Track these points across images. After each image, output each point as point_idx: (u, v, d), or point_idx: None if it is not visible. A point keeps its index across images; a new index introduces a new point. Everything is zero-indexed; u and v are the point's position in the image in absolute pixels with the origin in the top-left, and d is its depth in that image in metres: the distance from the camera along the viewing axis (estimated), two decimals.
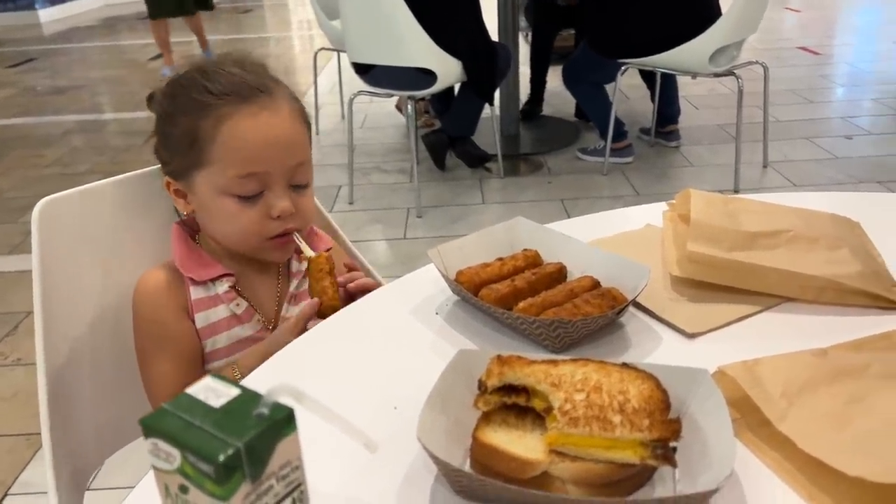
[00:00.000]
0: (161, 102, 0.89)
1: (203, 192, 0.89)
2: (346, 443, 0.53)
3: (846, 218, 0.89)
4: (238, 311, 0.93)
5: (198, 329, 0.91)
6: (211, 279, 0.92)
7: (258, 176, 0.87)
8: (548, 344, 0.72)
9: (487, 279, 0.80)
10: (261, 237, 0.90)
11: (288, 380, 0.42)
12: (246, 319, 0.94)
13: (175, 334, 0.91)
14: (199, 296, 0.92)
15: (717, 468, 0.52)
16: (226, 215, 0.89)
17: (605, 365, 0.59)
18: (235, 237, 0.91)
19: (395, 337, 0.78)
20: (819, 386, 0.61)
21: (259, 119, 0.86)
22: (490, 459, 0.55)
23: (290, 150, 0.89)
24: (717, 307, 0.77)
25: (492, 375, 0.58)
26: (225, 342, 0.93)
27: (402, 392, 0.66)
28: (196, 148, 0.86)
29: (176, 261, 0.92)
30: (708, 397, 0.58)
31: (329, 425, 0.43)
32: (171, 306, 0.91)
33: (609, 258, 0.81)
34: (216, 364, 0.93)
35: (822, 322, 0.74)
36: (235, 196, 0.87)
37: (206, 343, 0.92)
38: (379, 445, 0.45)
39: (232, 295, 0.93)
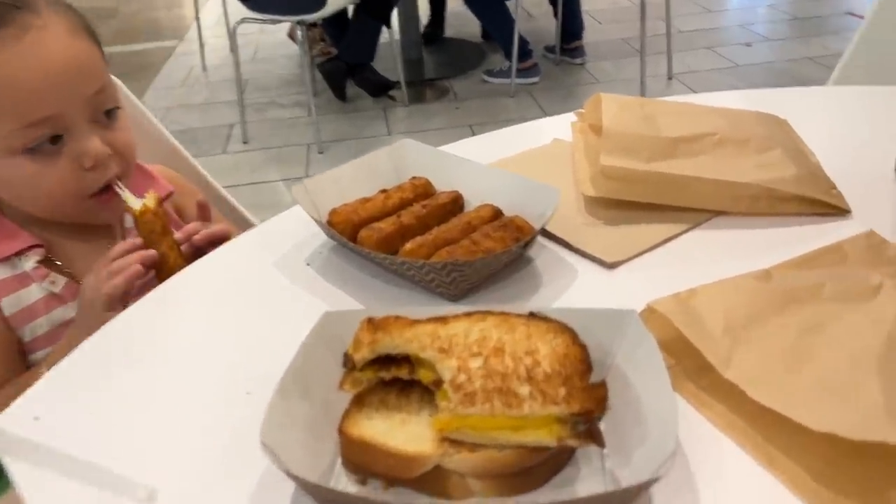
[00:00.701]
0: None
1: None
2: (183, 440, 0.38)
3: (772, 115, 0.78)
4: (56, 290, 0.74)
5: (7, 316, 0.72)
6: (15, 254, 0.73)
7: (48, 121, 0.67)
8: (443, 291, 0.59)
9: (368, 217, 0.66)
10: (78, 198, 0.71)
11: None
12: (69, 298, 0.74)
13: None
14: (3, 276, 0.73)
15: (654, 443, 0.40)
16: (23, 180, 0.69)
17: (508, 317, 0.46)
18: (45, 204, 0.72)
19: (253, 299, 0.62)
20: (768, 316, 0.50)
21: (24, 45, 0.65)
22: (363, 457, 0.42)
23: (79, 77, 0.68)
24: (638, 229, 0.65)
25: (361, 346, 0.44)
26: (46, 327, 0.74)
27: (258, 371, 0.51)
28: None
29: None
30: (638, 344, 0.46)
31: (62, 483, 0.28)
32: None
33: (512, 181, 0.67)
34: (42, 353, 0.74)
35: (760, 237, 0.64)
36: (27, 153, 0.67)
37: (24, 331, 0.73)
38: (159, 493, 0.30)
39: (43, 271, 0.74)
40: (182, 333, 0.59)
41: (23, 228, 0.74)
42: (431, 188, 0.71)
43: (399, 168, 0.74)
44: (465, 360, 0.43)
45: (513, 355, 0.43)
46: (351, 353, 0.44)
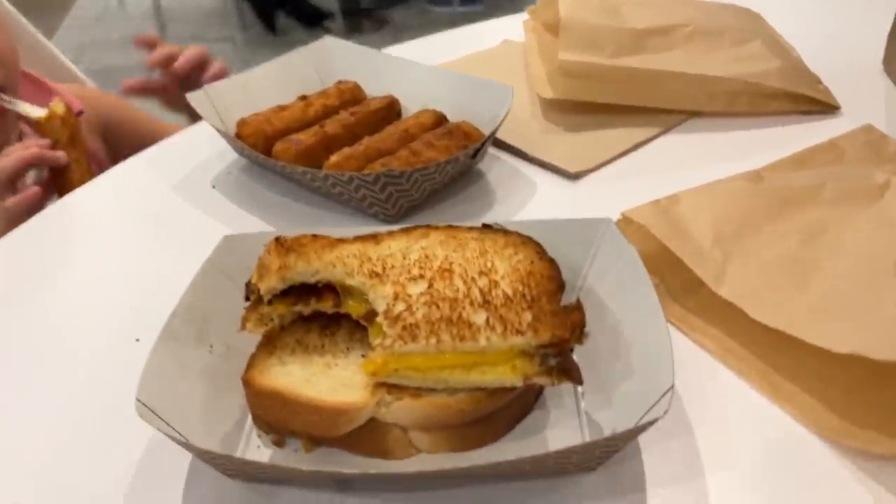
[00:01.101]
0: None
1: None
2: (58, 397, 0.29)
3: (747, 9, 0.69)
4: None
5: None
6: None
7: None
8: (378, 211, 0.49)
9: (284, 128, 0.55)
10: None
11: None
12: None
13: None
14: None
15: (643, 376, 0.32)
16: None
17: (458, 231, 0.37)
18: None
19: (149, 228, 0.51)
20: (762, 223, 0.42)
21: None
22: (278, 413, 0.33)
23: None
24: (604, 135, 0.57)
25: (268, 273, 0.34)
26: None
27: (151, 315, 0.41)
28: None
29: None
30: (615, 260, 0.37)
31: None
32: None
33: (456, 82, 0.57)
34: None
35: (742, 139, 0.56)
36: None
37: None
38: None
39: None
40: (62, 269, 0.48)
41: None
42: (361, 93, 0.61)
43: (322, 71, 0.63)
44: (404, 285, 0.33)
45: (464, 276, 0.34)
46: (255, 283, 0.34)
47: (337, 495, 0.32)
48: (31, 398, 0.38)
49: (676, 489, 0.32)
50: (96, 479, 0.34)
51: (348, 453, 0.33)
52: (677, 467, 0.33)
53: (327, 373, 0.33)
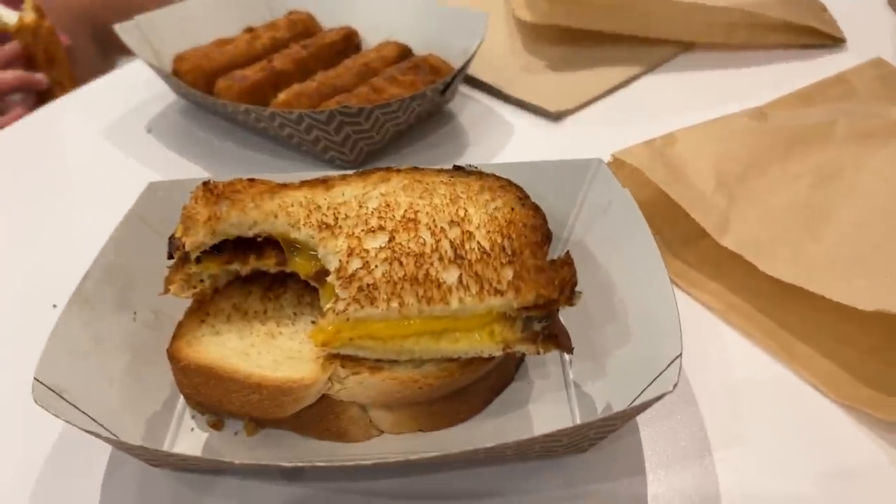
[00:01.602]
0: None
1: None
2: None
3: None
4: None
5: None
6: None
7: None
8: (334, 156, 0.43)
9: (227, 64, 0.49)
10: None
11: None
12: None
13: None
14: None
15: (644, 340, 0.27)
16: None
17: (424, 175, 0.32)
18: None
19: (73, 179, 0.45)
20: (768, 165, 0.38)
21: None
22: (210, 391, 0.27)
23: None
24: (589, 71, 0.51)
25: (195, 225, 0.28)
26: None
27: (72, 275, 0.35)
28: None
29: None
30: (606, 207, 0.32)
31: None
32: None
33: (423, 8, 0.51)
34: None
35: (741, 74, 0.51)
36: None
37: None
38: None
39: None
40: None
41: None
42: (315, 25, 0.54)
43: (270, 1, 0.56)
44: (360, 238, 0.28)
45: (431, 227, 0.28)
46: (180, 237, 0.28)
47: (283, 486, 0.27)
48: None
49: (679, 469, 0.28)
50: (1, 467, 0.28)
51: (298, 436, 0.28)
52: (680, 444, 0.28)
53: (270, 343, 0.28)
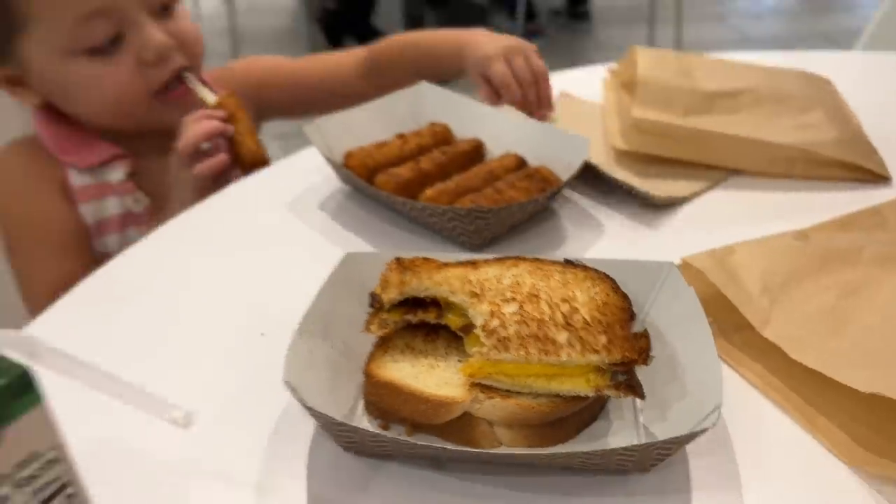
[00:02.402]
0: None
1: (42, 65, 0.65)
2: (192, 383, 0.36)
3: (816, 75, 0.75)
4: (137, 209, 0.71)
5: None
6: (100, 163, 0.69)
7: (103, 12, 0.63)
8: (465, 240, 0.57)
9: (384, 162, 0.63)
10: (143, 96, 0.67)
11: (64, 315, 0.24)
12: (146, 220, 0.72)
13: (53, 216, 0.69)
14: (84, 182, 0.69)
15: (695, 396, 0.39)
16: (86, 83, 0.65)
17: (542, 264, 0.44)
18: (111, 107, 0.67)
19: (266, 241, 0.60)
20: (805, 277, 0.49)
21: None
22: (390, 401, 0.40)
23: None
24: (672, 184, 0.63)
25: (389, 286, 0.42)
26: (117, 246, 0.71)
27: (272, 313, 0.49)
28: (1, 6, 0.62)
29: (48, 144, 0.70)
30: (675, 298, 0.44)
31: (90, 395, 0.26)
32: (42, 187, 0.69)
33: (537, 130, 0.65)
34: None
35: (796, 199, 0.62)
36: (86, 52, 0.64)
37: (95, 244, 0.71)
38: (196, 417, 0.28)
39: (130, 186, 0.71)
40: (197, 270, 0.56)
41: (101, 138, 0.70)
42: (451, 135, 0.69)
43: (416, 113, 0.71)
44: (499, 305, 0.41)
45: (549, 302, 0.41)
46: (379, 294, 0.42)
47: (431, 471, 0.39)
48: (175, 376, 0.46)
49: (716, 496, 0.38)
50: (235, 444, 0.41)
51: (442, 440, 0.40)
52: (719, 478, 0.39)
53: (431, 372, 0.41)
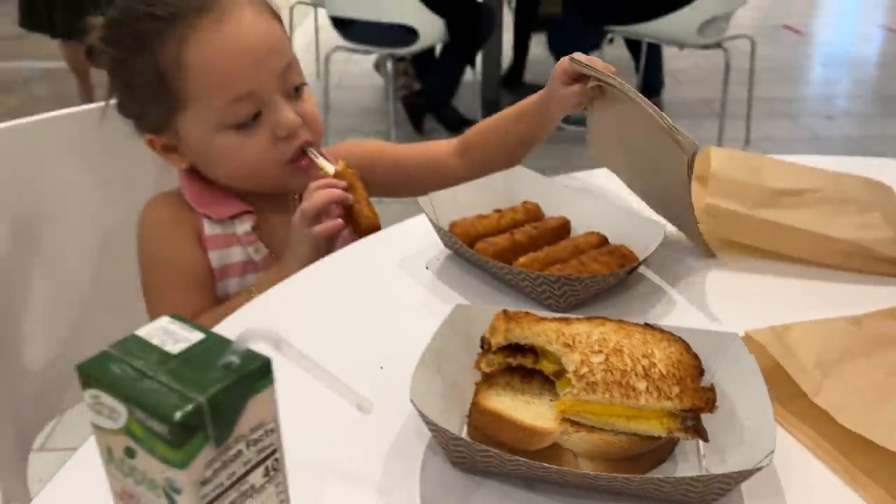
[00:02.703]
0: (107, 50, 0.76)
1: (195, 136, 0.77)
2: (327, 404, 0.45)
3: (878, 182, 0.81)
4: (256, 258, 0.83)
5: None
6: (230, 217, 0.82)
7: (249, 95, 0.75)
8: (551, 303, 0.65)
9: (484, 232, 0.73)
10: (275, 165, 0.79)
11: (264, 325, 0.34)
12: (263, 267, 0.83)
13: (186, 258, 0.81)
14: (215, 232, 0.82)
15: (751, 446, 0.45)
16: (230, 153, 0.78)
17: (625, 325, 0.53)
18: (248, 173, 0.80)
19: (382, 291, 0.70)
20: (856, 356, 0.55)
21: (226, 28, 0.73)
22: (492, 427, 0.48)
23: (271, 53, 0.76)
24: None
25: (497, 332, 0.51)
26: (236, 289, 0.83)
27: (388, 350, 0.59)
28: (166, 87, 0.74)
29: (189, 198, 0.82)
30: (738, 364, 0.51)
31: (312, 381, 0.36)
32: (182, 234, 0.81)
33: (618, 213, 0.74)
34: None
35: (851, 289, 0.68)
36: (233, 127, 0.76)
37: (217, 286, 0.82)
38: (374, 405, 0.37)
39: (253, 237, 0.83)
40: (324, 312, 0.67)
41: (233, 197, 0.83)
42: (541, 212, 0.78)
43: (512, 192, 0.81)
44: (588, 355, 0.49)
45: (631, 356, 0.49)
46: (488, 337, 0.51)
47: (523, 490, 0.47)
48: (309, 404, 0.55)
49: None
50: (359, 455, 0.50)
51: None
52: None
53: (528, 407, 0.49)
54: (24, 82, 4.29)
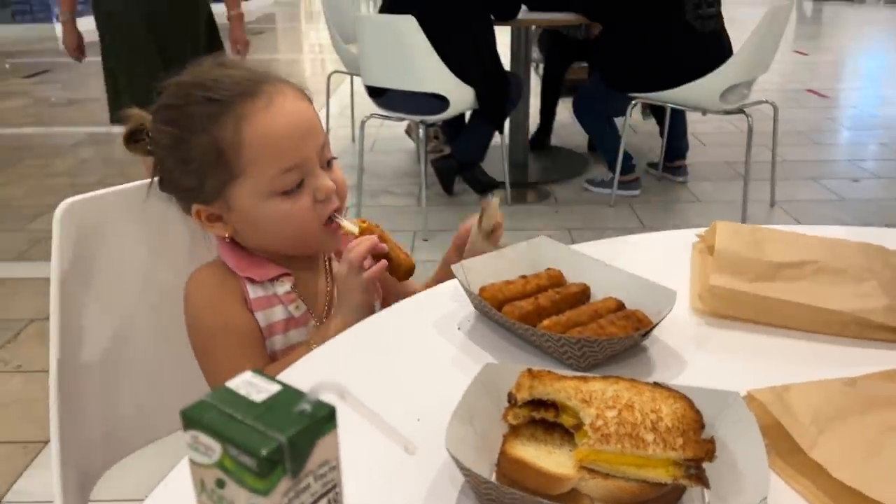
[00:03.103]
0: (163, 132, 0.86)
1: (245, 204, 0.87)
2: (375, 447, 0.52)
3: (877, 246, 0.87)
4: (296, 314, 0.92)
5: None
6: (270, 279, 0.91)
7: (297, 166, 0.86)
8: (572, 363, 0.72)
9: (511, 296, 0.80)
10: (316, 226, 0.89)
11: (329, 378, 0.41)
12: (302, 323, 0.93)
13: (239, 323, 0.89)
14: (258, 294, 0.91)
15: (750, 492, 0.51)
16: (278, 218, 0.87)
17: (637, 384, 0.59)
18: (293, 236, 0.89)
19: (417, 349, 0.77)
20: (850, 415, 0.61)
21: (275, 109, 0.84)
22: (518, 474, 0.54)
23: (313, 130, 0.87)
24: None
25: (522, 388, 0.58)
26: (281, 345, 0.91)
27: (424, 404, 0.66)
28: (223, 161, 0.84)
29: (230, 264, 0.91)
30: (738, 420, 0.57)
31: (364, 427, 0.43)
32: (231, 299, 0.90)
33: (634, 280, 0.81)
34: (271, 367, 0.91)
35: (848, 353, 0.74)
36: (281, 194, 0.86)
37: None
38: (418, 448, 0.44)
39: (293, 296, 0.92)
40: (364, 367, 0.74)
41: (270, 261, 0.93)
42: (563, 279, 0.85)
43: (536, 259, 0.88)
44: (603, 410, 0.55)
45: (641, 410, 0.55)
46: (514, 393, 0.57)
47: None
48: (360, 446, 0.62)
49: None
50: (400, 497, 0.56)
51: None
52: None
53: (550, 456, 0.55)
54: (72, 146, 4.54)
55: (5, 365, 2.20)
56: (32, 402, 2.01)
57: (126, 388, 0.99)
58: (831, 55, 7.57)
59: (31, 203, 3.55)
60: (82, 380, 0.94)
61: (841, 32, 9.38)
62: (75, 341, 0.93)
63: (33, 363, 2.20)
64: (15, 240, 3.10)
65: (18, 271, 2.84)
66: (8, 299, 2.61)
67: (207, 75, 0.86)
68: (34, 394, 2.04)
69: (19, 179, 3.92)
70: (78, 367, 0.93)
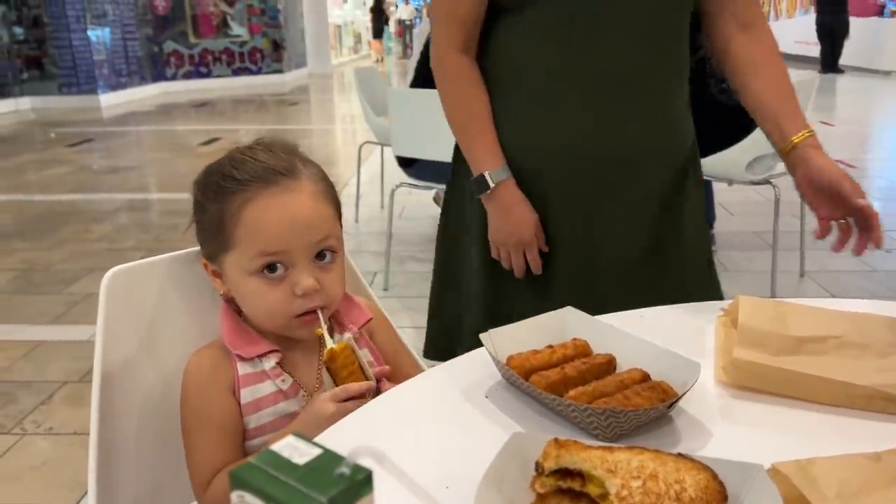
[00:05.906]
0: (195, 190, 0.95)
1: (232, 274, 0.94)
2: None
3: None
4: (284, 387, 0.96)
5: (243, 405, 0.94)
6: (258, 356, 0.96)
7: (279, 254, 0.91)
8: (598, 433, 0.73)
9: (538, 366, 0.82)
10: (286, 316, 0.93)
11: (368, 443, 0.44)
12: (291, 395, 0.96)
13: (219, 415, 0.94)
14: (247, 371, 0.95)
15: None
16: (253, 295, 0.93)
17: (661, 454, 0.60)
18: (262, 316, 0.95)
19: (447, 418, 0.79)
20: (875, 490, 0.61)
21: (278, 201, 0.90)
22: None
23: (309, 228, 0.91)
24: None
25: (549, 457, 0.59)
26: (270, 417, 0.95)
27: (454, 471, 0.67)
28: (222, 232, 0.90)
29: (224, 338, 0.96)
30: (762, 492, 0.58)
31: (401, 491, 0.45)
32: (218, 387, 0.94)
33: (660, 352, 0.83)
34: (258, 441, 0.94)
35: (872, 426, 0.74)
36: (260, 276, 0.92)
37: (251, 419, 0.94)
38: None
39: (278, 371, 0.96)
40: (394, 437, 0.76)
41: (263, 338, 0.97)
42: (589, 349, 0.87)
43: (563, 329, 0.91)
44: (628, 480, 0.57)
45: (665, 481, 0.56)
46: (541, 462, 0.59)
47: None
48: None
49: None
50: None
51: None
52: None
53: None
54: (112, 212, 4.70)
55: (37, 427, 2.24)
56: (63, 464, 2.04)
57: (157, 454, 1.02)
58: (858, 126, 7.60)
59: (69, 267, 3.66)
60: (117, 446, 0.97)
61: (866, 103, 9.44)
62: (111, 407, 0.97)
63: (65, 426, 2.24)
64: (53, 303, 3.19)
65: (55, 334, 2.91)
66: (42, 362, 2.67)
67: (247, 154, 0.94)
68: (65, 457, 2.07)
69: (60, 244, 4.06)
70: (114, 433, 0.97)
